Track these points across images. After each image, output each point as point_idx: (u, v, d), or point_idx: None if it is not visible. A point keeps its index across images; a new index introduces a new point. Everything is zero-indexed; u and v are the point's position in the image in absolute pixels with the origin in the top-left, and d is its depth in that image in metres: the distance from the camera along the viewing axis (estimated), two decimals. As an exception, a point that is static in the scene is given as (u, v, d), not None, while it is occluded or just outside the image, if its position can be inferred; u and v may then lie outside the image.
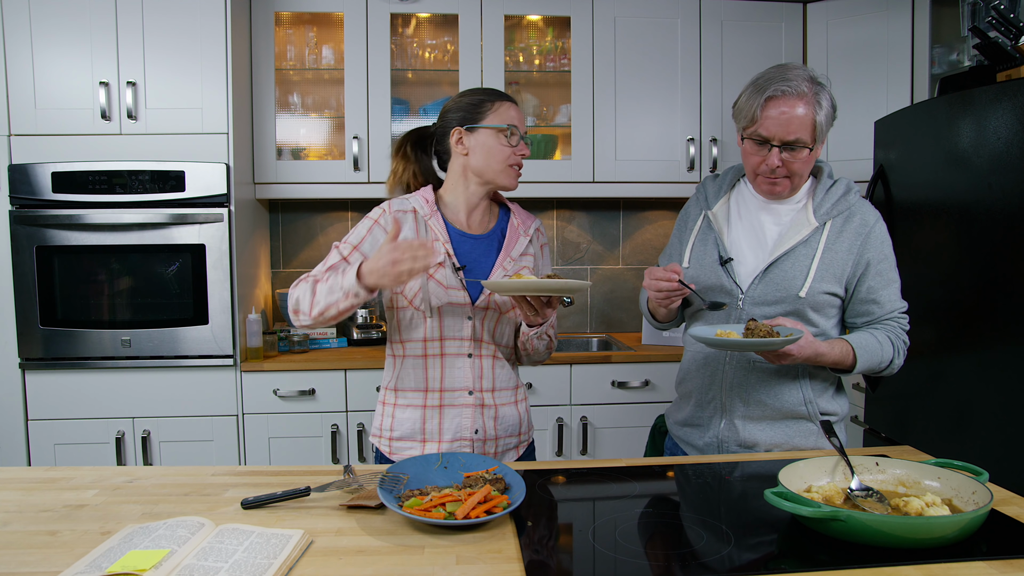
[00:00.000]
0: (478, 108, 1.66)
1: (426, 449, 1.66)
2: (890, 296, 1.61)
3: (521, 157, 1.68)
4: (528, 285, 1.48)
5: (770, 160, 1.54)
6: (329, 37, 3.13)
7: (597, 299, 3.54)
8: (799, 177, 1.58)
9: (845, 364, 1.56)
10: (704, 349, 1.66)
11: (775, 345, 1.42)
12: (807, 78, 1.52)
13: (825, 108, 1.53)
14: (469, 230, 1.71)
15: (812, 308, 1.57)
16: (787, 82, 1.50)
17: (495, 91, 1.71)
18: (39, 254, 2.65)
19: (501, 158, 1.65)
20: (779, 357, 1.49)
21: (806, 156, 1.54)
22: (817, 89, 1.53)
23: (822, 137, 1.55)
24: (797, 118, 1.50)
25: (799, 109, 1.50)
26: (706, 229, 1.70)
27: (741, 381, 1.61)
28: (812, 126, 1.51)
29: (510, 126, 1.65)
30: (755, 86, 1.55)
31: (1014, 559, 1.04)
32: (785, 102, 1.50)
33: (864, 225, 1.59)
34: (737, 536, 1.13)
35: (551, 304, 1.58)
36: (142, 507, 1.26)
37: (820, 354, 1.51)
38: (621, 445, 2.93)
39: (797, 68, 1.54)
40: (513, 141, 1.66)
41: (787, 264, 1.58)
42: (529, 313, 1.57)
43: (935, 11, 2.91)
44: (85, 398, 2.70)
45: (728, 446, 1.64)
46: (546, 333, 1.69)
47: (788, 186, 1.59)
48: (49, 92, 2.65)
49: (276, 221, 3.36)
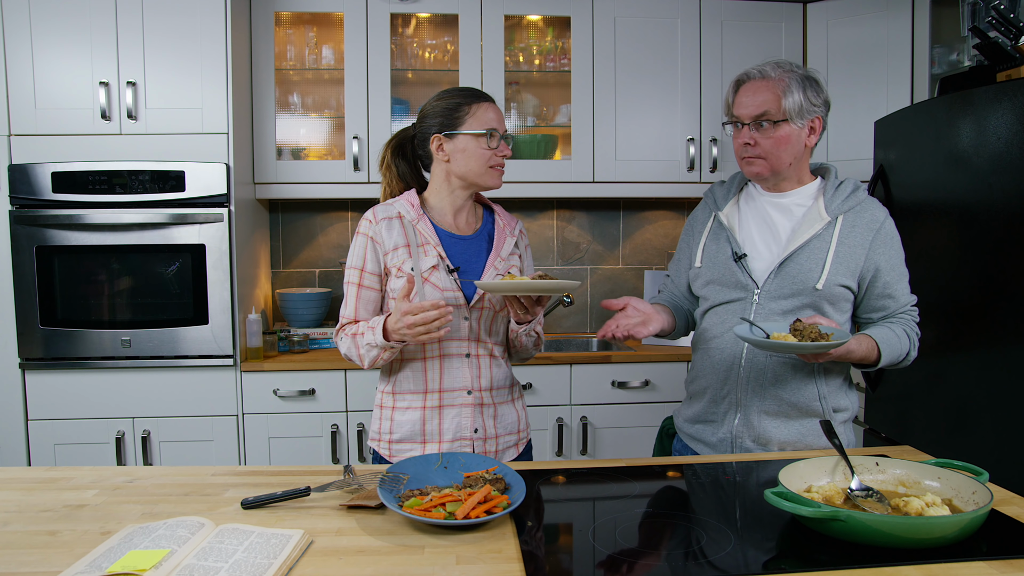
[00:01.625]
0: (455, 113, 1.66)
1: (426, 450, 1.67)
2: (903, 290, 1.64)
3: (503, 157, 1.68)
4: (521, 286, 1.50)
5: (741, 137, 1.63)
6: (329, 37, 3.13)
7: (597, 299, 3.53)
8: (775, 157, 1.62)
9: (871, 359, 1.58)
10: (719, 345, 1.67)
11: (826, 348, 1.42)
12: (776, 64, 1.62)
13: (795, 92, 1.59)
14: (457, 231, 1.72)
15: (828, 301, 1.59)
16: (756, 68, 1.64)
17: (471, 92, 1.69)
18: (39, 254, 2.65)
19: (482, 161, 1.66)
20: (816, 356, 1.50)
21: (776, 133, 1.60)
22: (786, 75, 1.61)
23: (797, 119, 1.60)
24: (759, 96, 1.61)
25: (764, 89, 1.61)
26: (717, 229, 1.73)
27: (757, 376, 1.62)
28: (777, 103, 1.59)
29: (489, 130, 1.64)
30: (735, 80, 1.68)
31: (1014, 559, 1.04)
32: (751, 84, 1.63)
33: (874, 221, 1.62)
34: (737, 536, 1.13)
35: (540, 303, 1.61)
36: (142, 507, 1.26)
37: (850, 351, 1.53)
38: (621, 445, 2.93)
39: (777, 60, 1.65)
40: (493, 144, 1.65)
41: (802, 257, 1.60)
42: (520, 311, 1.60)
43: (935, 11, 2.91)
44: (85, 398, 2.70)
45: (742, 441, 1.65)
46: (534, 330, 1.72)
47: (766, 167, 1.63)
48: (49, 92, 2.65)
49: (276, 221, 3.36)
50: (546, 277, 1.54)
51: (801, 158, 1.64)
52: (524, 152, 3.13)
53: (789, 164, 1.63)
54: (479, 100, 1.67)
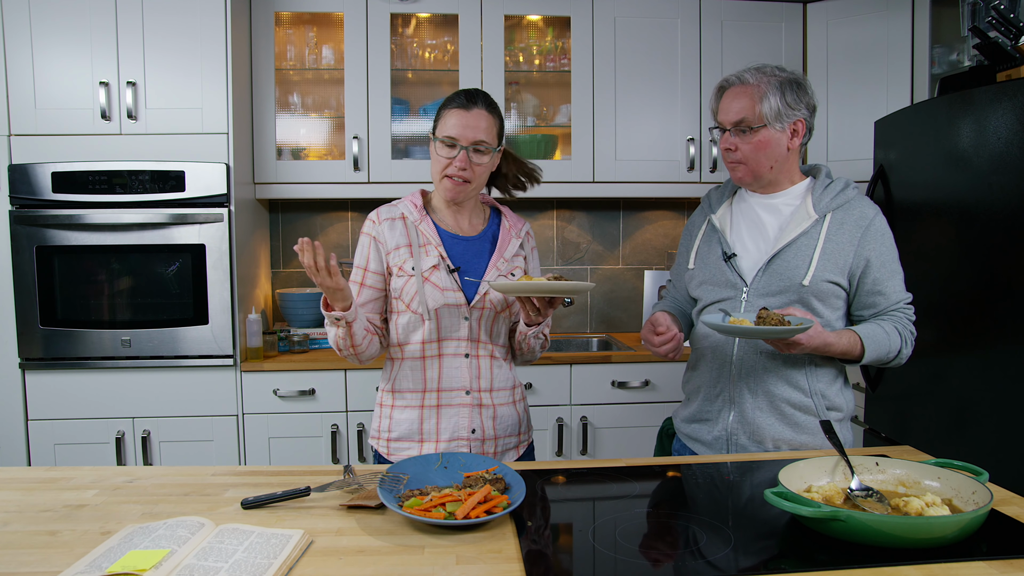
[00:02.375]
0: (437, 116, 1.69)
1: (423, 450, 1.67)
2: (895, 287, 1.63)
3: (459, 171, 1.63)
4: (536, 287, 1.50)
5: (723, 142, 1.67)
6: (329, 37, 3.13)
7: (597, 299, 3.53)
8: (754, 161, 1.64)
9: (853, 354, 1.59)
10: (711, 344, 1.69)
11: (786, 333, 1.44)
12: (757, 69, 1.64)
13: (771, 97, 1.61)
14: (460, 232, 1.72)
15: (816, 297, 1.60)
16: (735, 75, 1.67)
17: (457, 96, 1.67)
18: (39, 254, 2.65)
19: (437, 170, 1.66)
20: (788, 346, 1.52)
21: (754, 140, 1.62)
22: (764, 79, 1.62)
23: (773, 123, 1.61)
24: (737, 103, 1.63)
25: (740, 95, 1.64)
26: (710, 232, 1.76)
27: (748, 372, 1.63)
28: (753, 109, 1.61)
29: (444, 137, 1.63)
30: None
31: (1014, 559, 1.04)
32: (730, 91, 1.66)
33: (863, 218, 1.62)
34: (737, 536, 1.13)
35: (552, 304, 1.61)
36: (142, 507, 1.26)
37: (828, 344, 1.54)
38: (621, 445, 2.93)
39: (758, 64, 1.66)
40: (445, 152, 1.63)
41: (789, 255, 1.61)
42: (532, 313, 1.59)
43: (935, 11, 2.91)
44: (85, 398, 2.70)
45: (738, 438, 1.65)
46: (542, 332, 1.71)
47: (747, 172, 1.66)
48: (49, 92, 2.65)
49: (276, 221, 3.36)
50: (560, 279, 1.54)
51: (785, 161, 1.66)
52: (524, 152, 3.13)
53: (770, 168, 1.65)
54: (458, 107, 1.64)
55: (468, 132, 1.62)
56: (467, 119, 1.63)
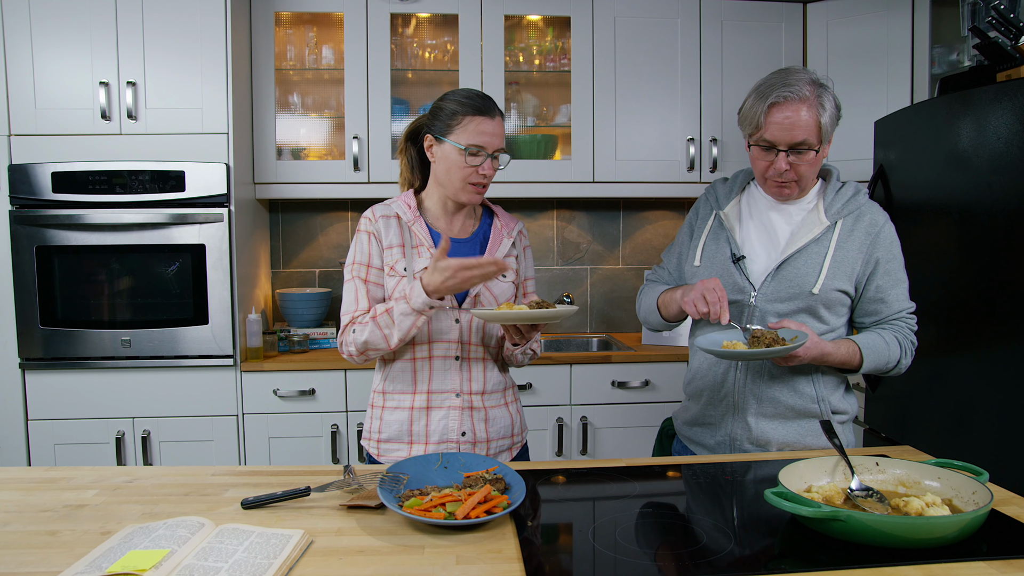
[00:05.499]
0: (450, 119, 1.62)
1: (413, 451, 1.66)
2: (898, 296, 1.62)
3: (483, 177, 1.63)
4: (517, 315, 1.50)
5: (777, 164, 1.55)
6: (329, 37, 3.13)
7: (597, 299, 3.53)
8: (807, 179, 1.59)
9: (852, 364, 1.58)
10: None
11: (780, 353, 1.43)
12: (809, 81, 1.53)
13: (829, 109, 1.54)
14: (452, 233, 1.71)
15: (824, 305, 1.58)
16: (788, 87, 1.51)
17: (477, 103, 1.63)
18: (39, 254, 2.65)
19: (460, 176, 1.63)
20: (787, 360, 1.51)
21: (812, 158, 1.55)
22: (820, 91, 1.53)
23: (828, 138, 1.56)
24: (801, 121, 1.51)
25: (802, 113, 1.51)
26: (717, 228, 1.72)
27: (754, 378, 1.62)
28: (817, 128, 1.52)
29: (468, 146, 1.59)
30: (758, 93, 1.55)
31: (1014, 559, 1.04)
32: (788, 107, 1.51)
33: (874, 225, 1.61)
34: (737, 536, 1.13)
35: (536, 328, 1.61)
36: (142, 507, 1.26)
37: (826, 354, 1.53)
38: (621, 445, 2.93)
39: (799, 72, 1.55)
40: (474, 161, 1.61)
41: (800, 261, 1.59)
42: (515, 336, 1.60)
43: (935, 11, 2.91)
44: (85, 398, 2.70)
45: (740, 443, 1.64)
46: (530, 348, 1.72)
47: (797, 189, 1.60)
48: (49, 92, 2.65)
49: (276, 221, 3.36)
50: (543, 304, 1.54)
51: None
52: (524, 152, 3.14)
53: (813, 179, 1.62)
54: (478, 113, 1.61)
55: (495, 140, 1.62)
56: (492, 127, 1.62)
